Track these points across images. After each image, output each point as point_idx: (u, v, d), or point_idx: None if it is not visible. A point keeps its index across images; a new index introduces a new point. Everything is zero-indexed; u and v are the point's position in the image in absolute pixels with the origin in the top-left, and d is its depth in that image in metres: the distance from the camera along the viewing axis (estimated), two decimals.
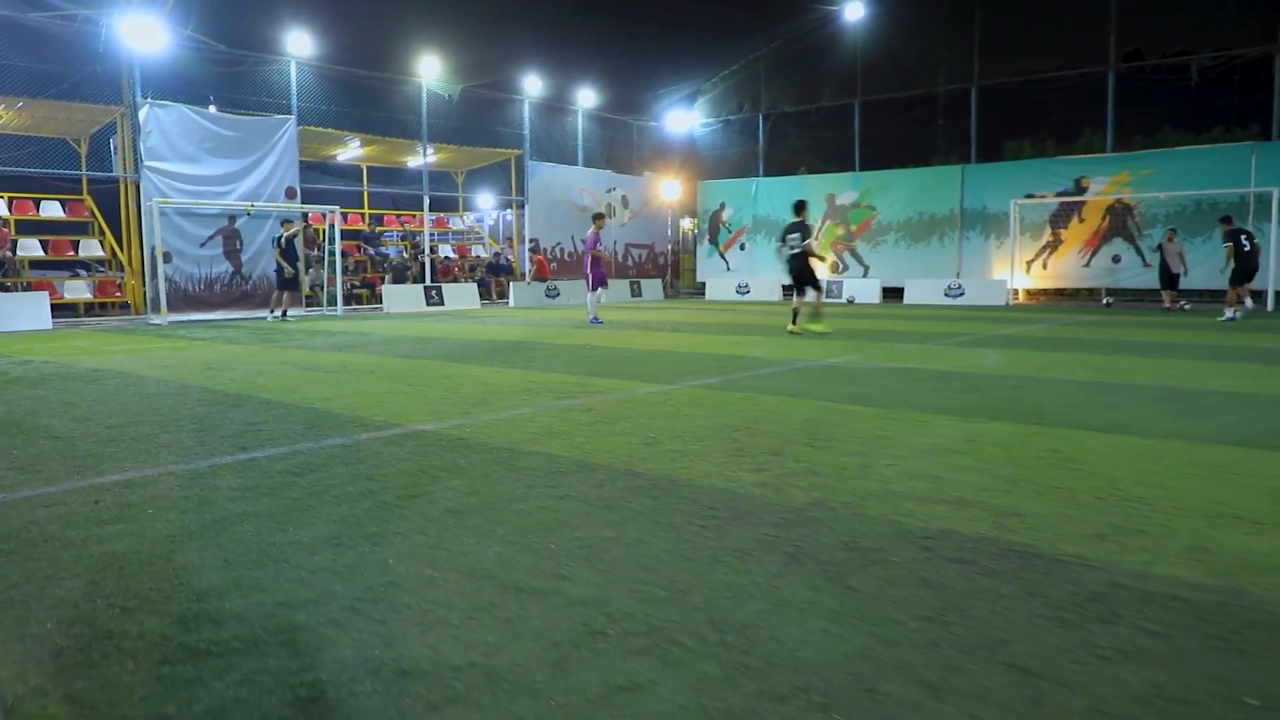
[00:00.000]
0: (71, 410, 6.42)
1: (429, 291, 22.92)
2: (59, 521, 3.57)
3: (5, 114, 18.55)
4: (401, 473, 4.35)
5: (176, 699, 2.07)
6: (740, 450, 4.88)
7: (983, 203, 25.95)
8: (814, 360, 9.43)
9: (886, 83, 27.68)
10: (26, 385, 7.92)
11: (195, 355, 10.53)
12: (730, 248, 30.67)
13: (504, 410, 6.20)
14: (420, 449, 4.91)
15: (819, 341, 11.77)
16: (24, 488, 4.13)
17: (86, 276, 19.89)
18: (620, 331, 13.81)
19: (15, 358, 10.61)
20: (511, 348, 11.06)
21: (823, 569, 3.00)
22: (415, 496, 3.91)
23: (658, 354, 10.18)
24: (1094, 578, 2.94)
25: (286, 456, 4.72)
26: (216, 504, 3.80)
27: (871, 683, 2.18)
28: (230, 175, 19.67)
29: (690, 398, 6.79)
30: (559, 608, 2.64)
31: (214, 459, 4.68)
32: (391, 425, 5.62)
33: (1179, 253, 20.02)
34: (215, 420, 5.87)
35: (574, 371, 8.44)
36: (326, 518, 3.59)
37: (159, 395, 7.14)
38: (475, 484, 4.13)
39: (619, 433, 5.38)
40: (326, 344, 11.89)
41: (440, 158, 25.79)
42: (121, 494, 3.97)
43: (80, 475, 4.35)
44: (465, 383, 7.67)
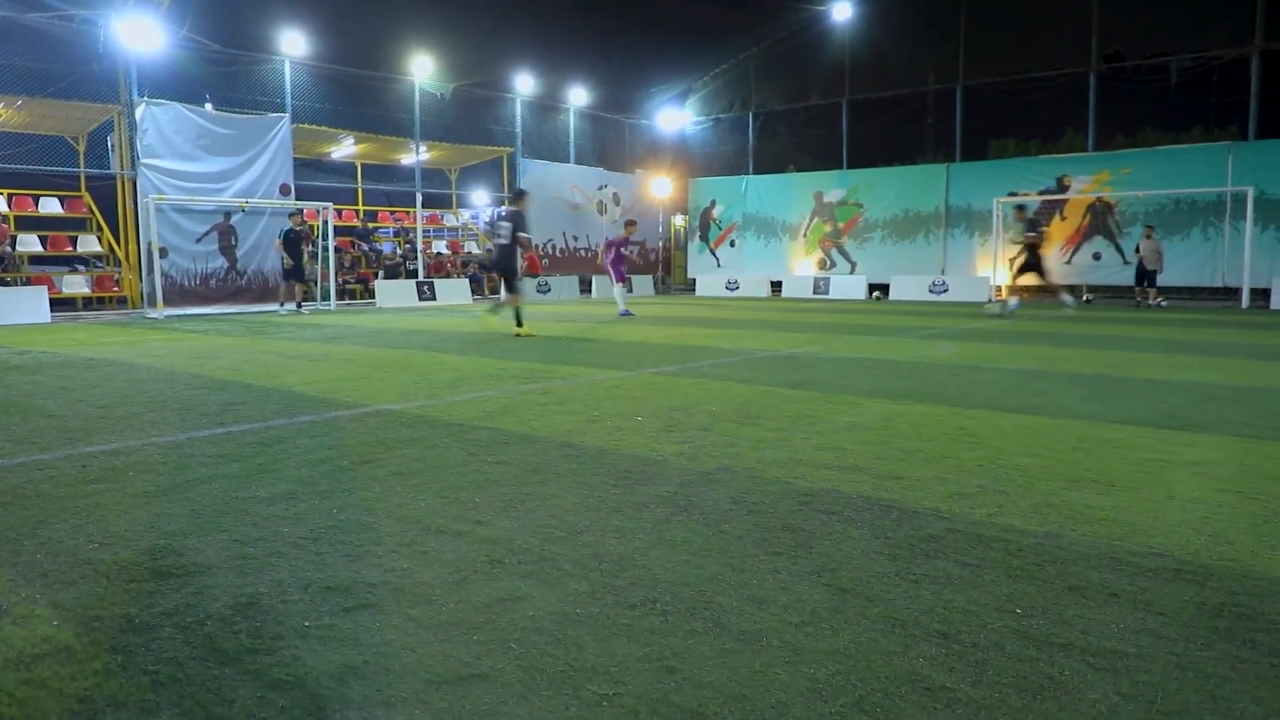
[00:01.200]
0: (66, 393, 6.91)
1: (421, 287, 23.40)
2: (50, 481, 4.06)
3: (4, 112, 19.04)
4: (360, 444, 4.83)
5: (139, 604, 2.56)
6: (673, 426, 5.37)
7: (967, 201, 26.41)
8: (775, 350, 9.91)
9: (874, 82, 28.13)
10: (25, 372, 8.41)
11: (187, 346, 11.02)
12: (721, 245, 31.13)
13: (467, 393, 6.69)
14: (381, 425, 5.39)
15: (787, 333, 12.25)
16: (20, 455, 4.61)
17: (84, 271, 20.38)
18: (602, 326, 14.29)
19: (15, 348, 11.10)
20: (492, 340, 11.54)
21: (705, 518, 3.48)
22: (368, 462, 4.39)
23: (629, 345, 10.66)
24: (937, 525, 3.43)
25: (259, 431, 5.21)
26: (190, 468, 4.28)
27: (710, 596, 2.67)
28: (225, 172, 20.15)
29: (644, 383, 7.27)
30: (470, 544, 3.12)
31: (193, 433, 5.17)
32: (360, 405, 6.11)
33: (1157, 250, 20.53)
34: (198, 401, 6.36)
35: (543, 360, 8.93)
36: (286, 479, 4.07)
37: (148, 380, 7.62)
38: (424, 453, 4.62)
39: (566, 411, 5.86)
40: (315, 336, 12.38)
41: (433, 155, 26.28)
42: (107, 460, 4.46)
43: (71, 445, 4.84)
44: (437, 369, 8.16)
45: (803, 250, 29.57)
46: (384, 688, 2.07)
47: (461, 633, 2.39)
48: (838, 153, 29.16)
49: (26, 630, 2.38)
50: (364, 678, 2.12)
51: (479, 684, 2.10)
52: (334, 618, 2.48)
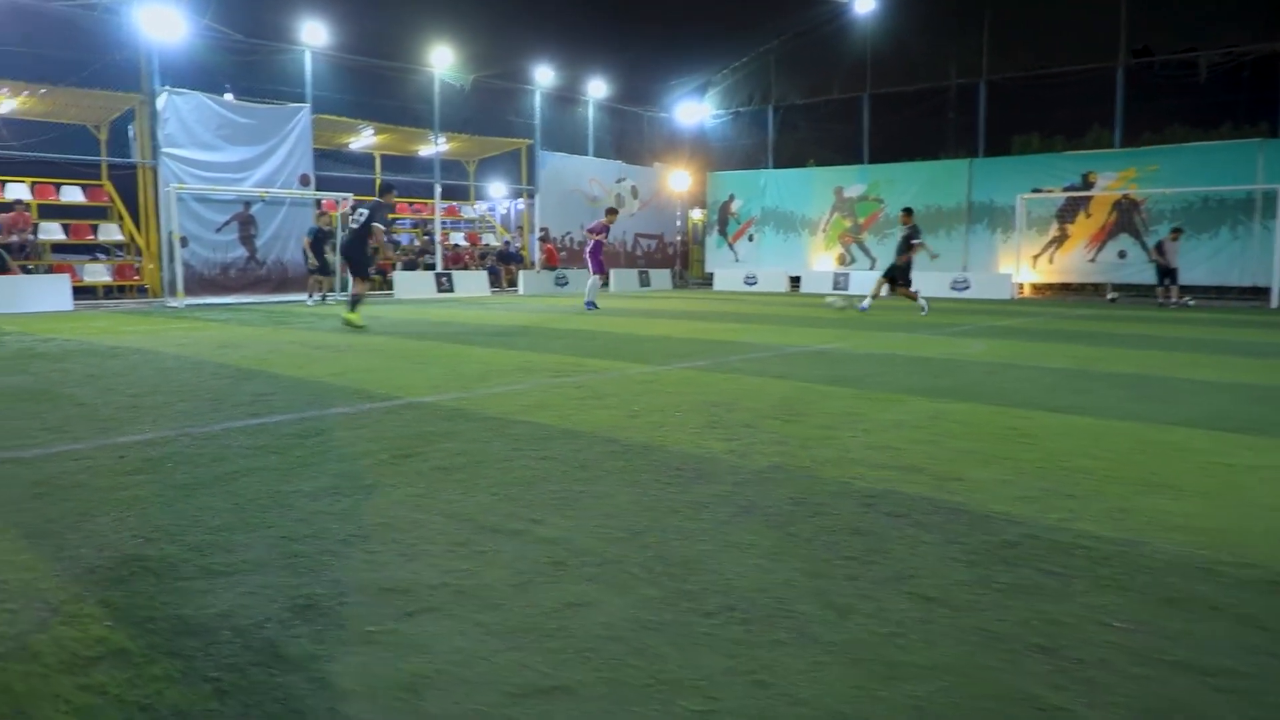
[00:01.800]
0: (95, 381, 6.82)
1: (439, 278, 23.31)
2: (88, 472, 3.95)
3: (28, 100, 19.03)
4: (398, 437, 4.71)
5: (193, 604, 2.44)
6: (715, 423, 5.22)
7: (990, 197, 26.12)
8: (804, 346, 9.75)
9: (896, 76, 27.84)
10: (51, 360, 8.34)
11: (210, 335, 10.95)
12: (739, 239, 30.92)
13: (500, 386, 6.57)
14: (418, 418, 5.27)
15: (814, 329, 12.08)
16: (55, 444, 4.51)
17: (105, 260, 20.37)
18: (624, 319, 14.16)
19: (40, 336, 11.05)
20: (515, 332, 11.42)
21: (768, 518, 3.34)
22: (409, 456, 4.27)
23: (656, 339, 10.53)
24: (1012, 530, 3.28)
25: (294, 423, 5.10)
26: (229, 460, 4.17)
27: (789, 604, 2.53)
28: (246, 162, 20.09)
29: (679, 378, 7.13)
30: (528, 544, 3.00)
31: (227, 423, 5.06)
32: (393, 397, 5.99)
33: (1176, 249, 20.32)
34: (228, 391, 6.26)
35: (571, 353, 8.80)
36: (328, 472, 3.96)
37: (175, 369, 7.53)
38: (465, 447, 4.49)
39: (605, 406, 5.73)
40: (336, 326, 12.28)
41: (452, 147, 26.16)
42: (143, 451, 4.35)
43: (105, 435, 4.74)
44: (466, 361, 8.04)
45: (822, 245, 29.34)
46: (462, 700, 1.95)
47: (534, 640, 2.26)
48: (858, 147, 28.90)
49: (79, 631, 2.27)
50: (439, 689, 1.99)
51: (562, 697, 1.97)
52: (397, 622, 2.35)
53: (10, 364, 7.99)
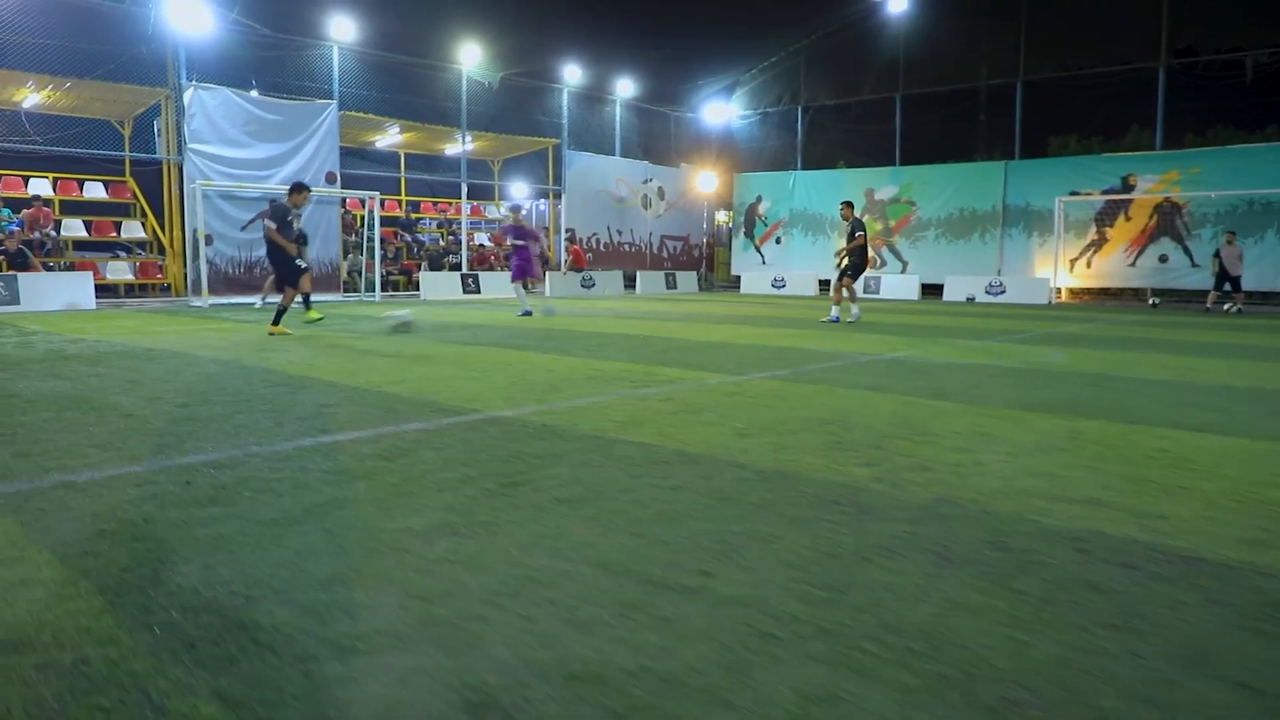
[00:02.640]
0: (137, 388, 6.31)
1: (465, 279, 22.81)
2: (153, 501, 3.42)
3: (53, 94, 18.60)
4: (494, 459, 4.17)
5: (333, 700, 1.90)
6: (839, 443, 4.67)
7: (1026, 199, 25.51)
8: (877, 354, 9.18)
9: (929, 76, 27.25)
10: (85, 362, 7.84)
11: (245, 337, 10.44)
12: (766, 241, 30.36)
13: (579, 398, 6.03)
14: (506, 435, 4.73)
15: (874, 335, 11.52)
16: (109, 465, 3.99)
17: (128, 258, 19.93)
18: (669, 323, 13.61)
19: (67, 336, 10.57)
20: (563, 336, 10.89)
21: (979, 570, 2.79)
22: (518, 485, 3.73)
23: (715, 345, 9.97)
24: (1272, 585, 2.71)
25: (370, 440, 4.56)
26: (312, 487, 3.64)
27: (1088, 697, 1.98)
28: (272, 159, 19.63)
29: (765, 389, 6.58)
30: (714, 607, 2.45)
31: (296, 440, 4.53)
32: (468, 410, 5.45)
33: (1239, 255, 19.62)
34: (286, 401, 5.73)
35: (637, 360, 8.26)
36: (432, 505, 3.41)
37: (220, 375, 7.02)
38: (576, 472, 3.95)
39: (705, 423, 5.18)
40: (373, 329, 11.77)
41: (477, 146, 25.67)
42: (212, 475, 3.82)
43: (164, 454, 4.21)
44: (528, 369, 7.50)
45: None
46: None
47: None
48: (890, 149, 28.30)
49: None
50: None
51: None
52: None
53: (43, 367, 7.49)
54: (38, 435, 4.62)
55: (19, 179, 19.56)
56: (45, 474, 3.80)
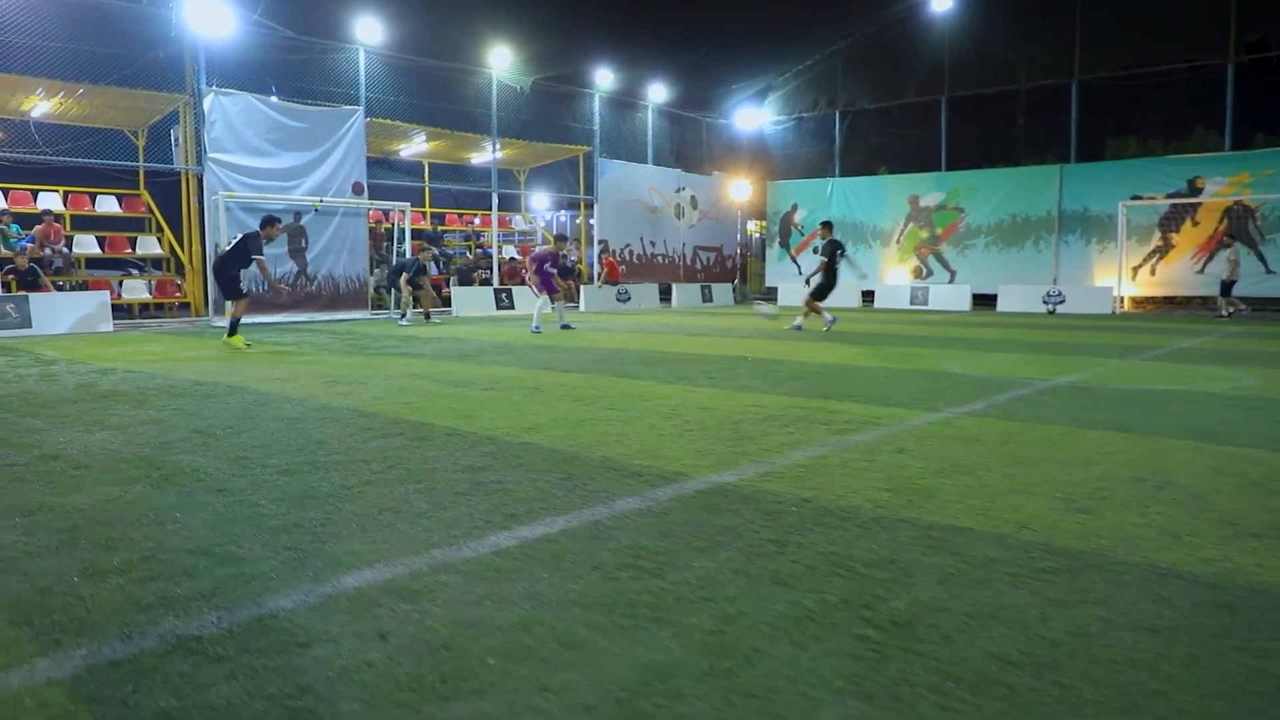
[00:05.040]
0: (210, 442, 4.94)
1: (499, 294, 21.49)
2: (352, 680, 2.05)
3: (64, 102, 17.27)
4: (805, 570, 2.80)
5: None
6: (1227, 521, 3.31)
7: (1083, 205, 24.27)
8: (1041, 380, 7.83)
9: (976, 78, 26.02)
10: (129, 403, 6.47)
11: (301, 365, 9.07)
12: (803, 251, 29.06)
13: (787, 450, 4.66)
14: (767, 519, 3.37)
15: (1001, 355, 10.17)
16: (235, 589, 2.62)
17: (140, 276, 18.57)
18: (750, 340, 12.25)
19: (93, 365, 9.20)
20: (653, 359, 9.53)
21: None
22: (899, 625, 2.37)
23: (843, 369, 8.61)
24: None
25: (588, 532, 3.20)
26: (593, 646, 2.27)
27: None
28: (297, 169, 18.32)
29: (991, 432, 5.22)
30: None
31: (483, 536, 3.16)
32: (670, 475, 4.09)
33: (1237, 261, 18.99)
34: (416, 463, 4.36)
35: (787, 391, 6.89)
36: (815, 683, 2.05)
37: (303, 419, 5.65)
38: (968, 595, 2.59)
39: (1009, 489, 3.82)
40: (435, 352, 10.41)
41: (505, 154, 24.37)
42: (408, 613, 2.45)
43: (308, 569, 2.84)
44: (675, 406, 6.14)
45: (896, 258, 27.49)
46: None
47: None
48: (935, 154, 27.05)
49: None
50: None
51: None
52: None
53: (80, 410, 6.12)
54: (106, 534, 3.25)
55: (28, 193, 18.20)
56: (139, 625, 2.43)
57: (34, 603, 2.56)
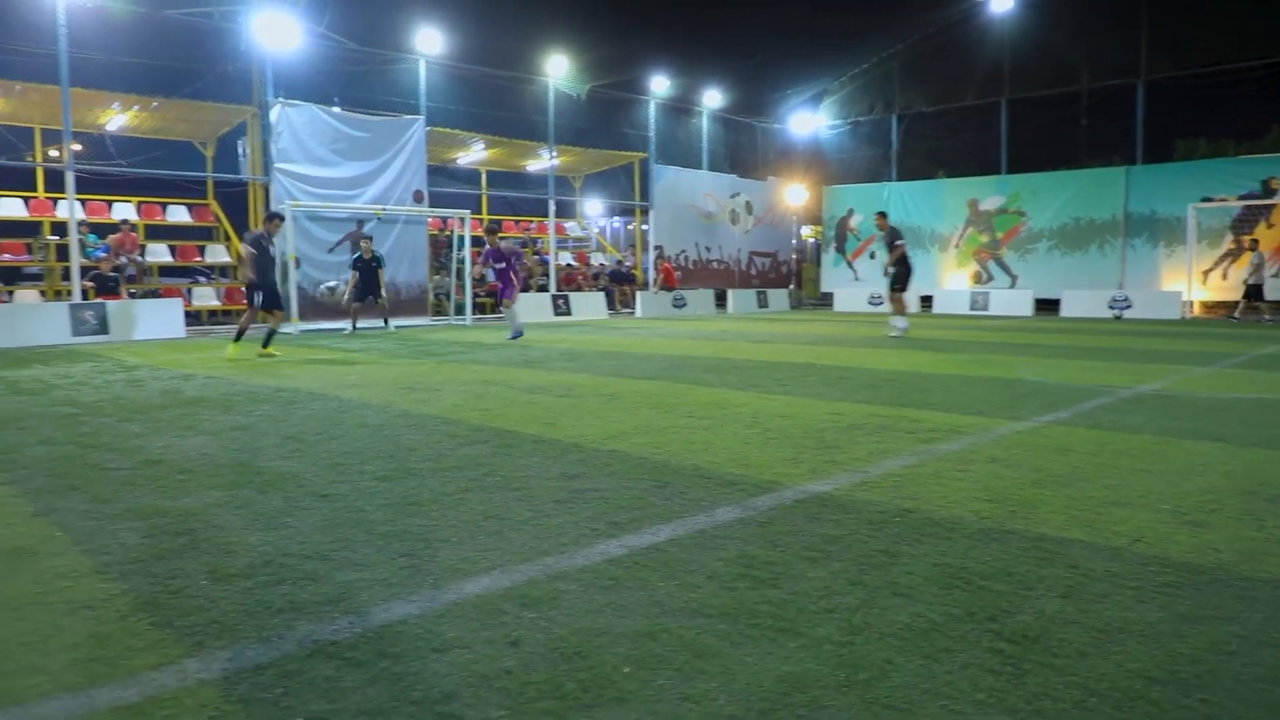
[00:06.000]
0: (303, 448, 5.06)
1: (556, 300, 21.63)
2: (493, 686, 2.09)
3: (138, 115, 17.83)
4: (928, 582, 2.78)
5: None
6: None
7: (1150, 207, 23.67)
8: (1121, 387, 7.65)
9: (1038, 78, 25.53)
10: (216, 408, 6.65)
11: (374, 371, 9.24)
12: (859, 256, 28.81)
13: (876, 459, 4.63)
14: (873, 528, 3.35)
15: (1072, 361, 9.97)
16: (359, 594, 2.67)
17: (208, 283, 19.06)
18: (815, 347, 12.17)
19: (174, 370, 9.47)
20: (721, 366, 9.51)
21: None
22: (1031, 638, 2.34)
23: (915, 376, 8.51)
24: None
25: (695, 541, 3.21)
26: (725, 656, 2.27)
27: None
28: (360, 178, 18.64)
29: (1090, 441, 5.12)
30: None
31: (595, 545, 3.19)
32: (765, 484, 4.09)
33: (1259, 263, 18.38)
34: (508, 470, 4.42)
35: (863, 399, 6.84)
36: (964, 707, 2.03)
37: (390, 427, 5.75)
38: (1094, 609, 2.55)
39: (1112, 500, 3.75)
40: (503, 359, 10.52)
41: (561, 161, 24.56)
42: (534, 620, 2.48)
43: (427, 576, 2.89)
44: (759, 415, 6.12)
45: (954, 263, 27.08)
46: None
47: None
48: (995, 157, 26.62)
49: None
50: None
51: None
52: None
53: (172, 415, 6.30)
54: (223, 538, 3.35)
55: (104, 203, 18.81)
56: (274, 629, 2.50)
57: (170, 605, 2.65)
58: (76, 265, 15.03)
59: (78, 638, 2.41)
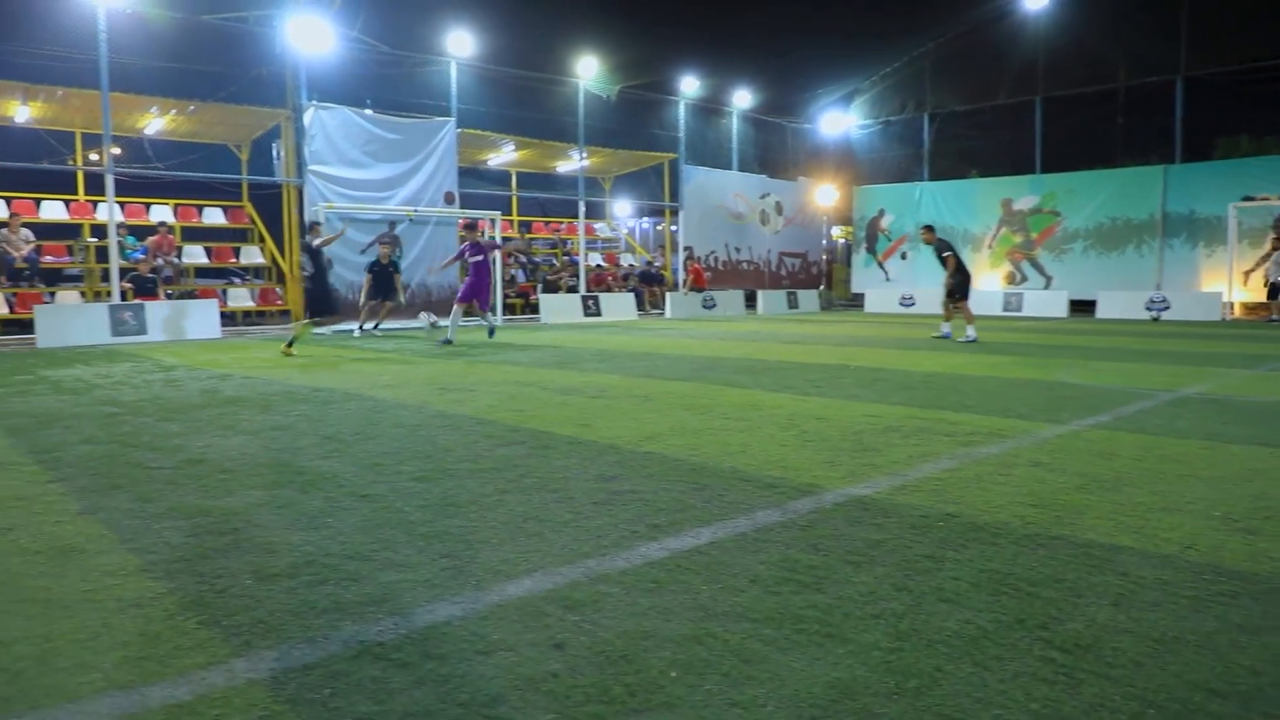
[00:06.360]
0: (341, 448, 5.09)
1: (586, 301, 21.67)
2: (539, 689, 2.08)
3: (175, 119, 18.09)
4: (969, 586, 2.74)
5: None
6: None
7: (1189, 207, 23.25)
8: (1172, 390, 7.52)
9: (1073, 76, 25.17)
10: (254, 408, 6.72)
11: (407, 372, 9.29)
12: (890, 257, 28.58)
13: (916, 463, 4.58)
14: (914, 531, 3.31)
15: (1113, 364, 9.81)
16: (402, 595, 2.68)
17: (243, 284, 19.29)
18: (844, 348, 12.08)
19: (211, 370, 9.59)
20: (753, 367, 9.47)
21: None
22: (1084, 646, 2.29)
23: (950, 378, 8.42)
24: None
25: (735, 542, 3.19)
26: (772, 661, 2.25)
27: None
28: (391, 179, 18.78)
29: (1134, 445, 5.03)
30: None
31: (635, 548, 3.18)
32: (803, 486, 4.06)
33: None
34: (546, 471, 4.42)
35: (899, 401, 6.77)
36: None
37: (426, 428, 5.78)
38: (1148, 618, 2.50)
39: (1160, 506, 3.67)
40: (533, 359, 10.55)
41: (591, 162, 24.60)
42: (577, 623, 2.48)
43: (469, 577, 2.90)
44: (795, 416, 6.08)
45: (987, 263, 26.76)
46: None
47: None
48: (1029, 156, 26.27)
49: None
50: None
51: None
52: None
53: (211, 415, 6.37)
54: (265, 537, 3.38)
55: (142, 206, 19.11)
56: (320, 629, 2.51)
57: (217, 604, 2.67)
58: (116, 267, 15.27)
59: (127, 636, 2.44)
